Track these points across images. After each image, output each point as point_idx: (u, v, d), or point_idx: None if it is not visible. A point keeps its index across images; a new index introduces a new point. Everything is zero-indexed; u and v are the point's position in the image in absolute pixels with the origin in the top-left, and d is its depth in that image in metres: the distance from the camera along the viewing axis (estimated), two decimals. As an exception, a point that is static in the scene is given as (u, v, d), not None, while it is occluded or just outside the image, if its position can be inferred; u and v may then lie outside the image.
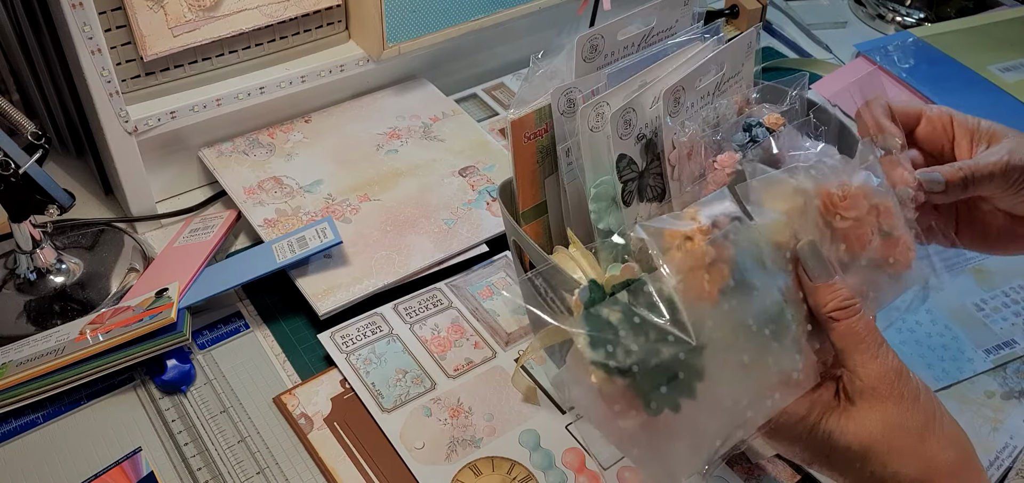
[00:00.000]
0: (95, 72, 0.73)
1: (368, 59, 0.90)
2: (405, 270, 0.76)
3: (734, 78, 0.62)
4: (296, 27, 0.87)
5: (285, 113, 0.91)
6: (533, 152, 0.63)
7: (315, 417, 0.66)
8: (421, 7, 0.89)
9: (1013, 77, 1.04)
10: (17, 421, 0.65)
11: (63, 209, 0.71)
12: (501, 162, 0.88)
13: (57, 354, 0.65)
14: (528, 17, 0.99)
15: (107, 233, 0.80)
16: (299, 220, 0.80)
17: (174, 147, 0.84)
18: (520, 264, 0.66)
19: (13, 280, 0.74)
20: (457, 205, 0.83)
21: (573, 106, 0.61)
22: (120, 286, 0.75)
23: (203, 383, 0.68)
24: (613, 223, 0.60)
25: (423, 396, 0.67)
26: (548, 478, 0.62)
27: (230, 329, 0.73)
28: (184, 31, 0.79)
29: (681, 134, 0.58)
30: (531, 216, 0.65)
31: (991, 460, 0.64)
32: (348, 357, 0.70)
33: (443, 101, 0.97)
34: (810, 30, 1.18)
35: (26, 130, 0.70)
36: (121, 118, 0.76)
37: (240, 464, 0.63)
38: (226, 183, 0.83)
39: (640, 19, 0.64)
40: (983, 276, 0.79)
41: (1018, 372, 0.70)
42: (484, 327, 0.73)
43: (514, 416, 0.66)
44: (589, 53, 0.62)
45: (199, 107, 0.82)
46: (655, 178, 0.60)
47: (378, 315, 0.73)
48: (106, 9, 0.75)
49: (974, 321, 0.74)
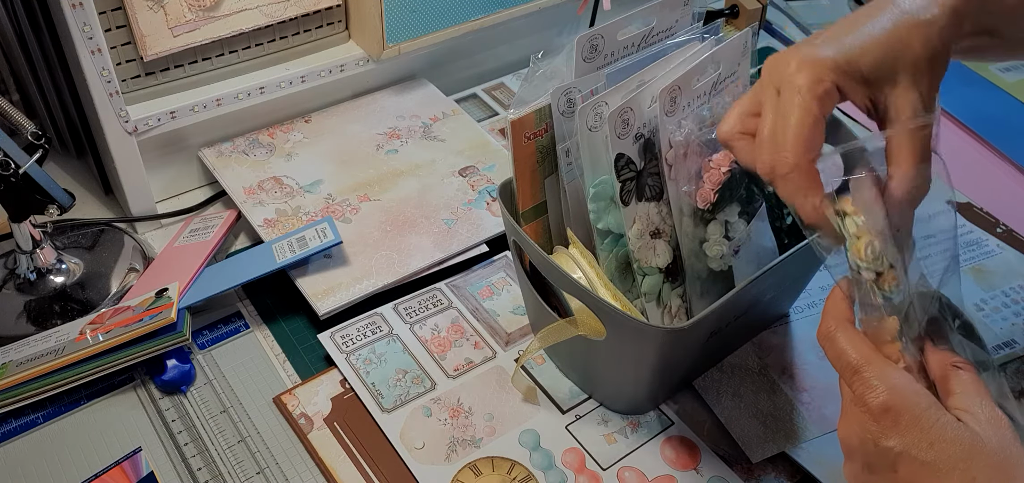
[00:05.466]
0: (95, 72, 0.73)
1: (368, 59, 0.90)
2: (405, 270, 0.76)
3: (730, 78, 0.62)
4: (296, 27, 0.87)
5: (285, 113, 0.91)
6: (533, 152, 0.63)
7: (315, 417, 0.66)
8: (421, 7, 0.89)
9: (1013, 77, 1.04)
10: (17, 421, 0.65)
11: (63, 209, 0.71)
12: (501, 162, 0.88)
13: (57, 354, 0.65)
14: (528, 17, 0.99)
15: (107, 233, 0.80)
16: (299, 220, 0.80)
17: (174, 147, 0.84)
18: (520, 264, 0.66)
19: (13, 280, 0.74)
20: (457, 205, 0.83)
21: (573, 106, 0.61)
22: (120, 286, 0.75)
23: (203, 383, 0.68)
24: (612, 223, 0.60)
25: (423, 396, 0.67)
26: (548, 478, 0.62)
27: (230, 329, 0.73)
28: (184, 31, 0.79)
29: (677, 134, 0.58)
30: (531, 216, 0.65)
31: (991, 460, 0.64)
32: (348, 357, 0.70)
33: (443, 101, 0.97)
34: (810, 30, 1.18)
35: (26, 130, 0.70)
36: (121, 118, 0.76)
37: (240, 464, 0.63)
38: (226, 183, 0.83)
39: (640, 19, 0.64)
40: (983, 276, 0.79)
41: (1018, 372, 0.70)
42: (484, 327, 0.73)
43: (514, 416, 0.66)
44: (589, 53, 0.62)
45: (199, 107, 0.82)
46: (653, 178, 0.60)
47: (378, 315, 0.73)
48: (106, 9, 0.75)
49: (974, 321, 0.74)
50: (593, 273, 0.61)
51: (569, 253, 0.63)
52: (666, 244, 0.61)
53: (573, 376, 0.69)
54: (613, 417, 0.66)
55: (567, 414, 0.67)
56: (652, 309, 0.62)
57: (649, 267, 0.61)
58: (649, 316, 0.62)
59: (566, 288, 0.60)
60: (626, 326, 0.58)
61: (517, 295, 0.75)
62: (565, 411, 0.67)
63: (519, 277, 0.68)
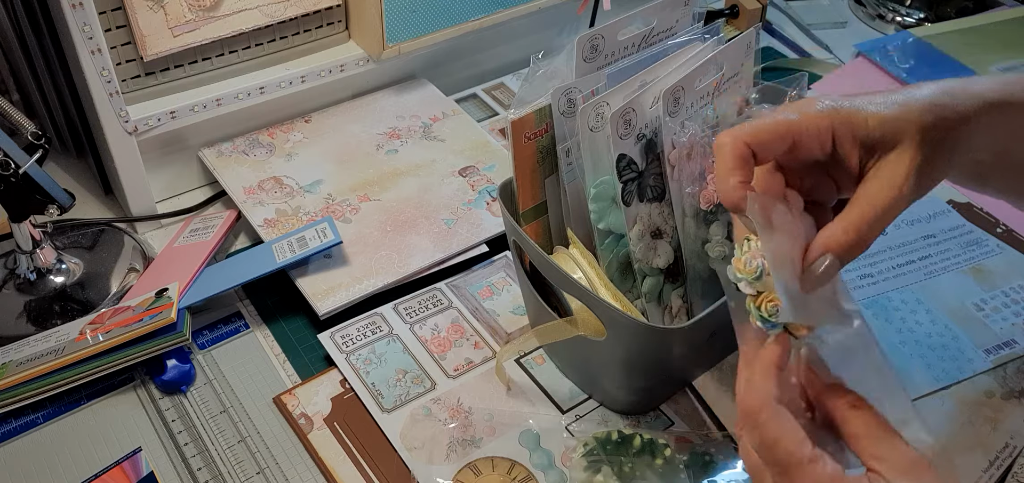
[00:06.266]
0: (95, 72, 0.73)
1: (368, 59, 0.90)
2: (405, 270, 0.76)
3: (734, 78, 0.62)
4: (296, 27, 0.87)
5: (285, 113, 0.91)
6: (533, 152, 0.63)
7: (315, 417, 0.66)
8: (421, 7, 0.89)
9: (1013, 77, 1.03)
10: (17, 421, 0.65)
11: (63, 209, 0.71)
12: (501, 162, 0.88)
13: (57, 354, 0.65)
14: (528, 17, 0.99)
15: (107, 233, 0.80)
16: (299, 220, 0.80)
17: (174, 147, 0.84)
18: (520, 264, 0.66)
19: (13, 280, 0.74)
20: (457, 205, 0.83)
21: (573, 106, 0.61)
22: (120, 286, 0.75)
23: (203, 383, 0.68)
24: (613, 223, 0.60)
25: (423, 396, 0.67)
26: (548, 478, 0.62)
27: (230, 329, 0.73)
28: (184, 31, 0.79)
29: (681, 134, 0.58)
30: (531, 216, 0.65)
31: (991, 460, 0.64)
32: (348, 357, 0.70)
33: (443, 101, 0.97)
34: (810, 30, 1.18)
35: (26, 130, 0.70)
36: (121, 118, 0.76)
37: (240, 464, 0.63)
38: (226, 183, 0.83)
39: (640, 19, 0.64)
40: (983, 276, 0.79)
41: (1018, 372, 0.70)
42: (484, 327, 0.73)
43: (514, 416, 0.66)
44: (589, 53, 0.62)
45: (199, 107, 0.82)
46: (655, 178, 0.60)
47: (378, 315, 0.73)
48: (106, 9, 0.75)
49: (974, 321, 0.74)
50: (593, 273, 0.61)
51: (569, 253, 0.63)
52: (667, 244, 0.61)
53: (573, 376, 0.69)
54: (613, 417, 0.66)
55: (567, 414, 0.67)
56: (653, 309, 0.62)
57: (650, 267, 0.61)
58: (650, 316, 0.62)
59: (566, 288, 0.60)
60: (626, 326, 0.58)
61: (517, 295, 0.75)
62: (565, 411, 0.67)
63: (519, 277, 0.68)
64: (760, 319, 0.45)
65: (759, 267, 0.45)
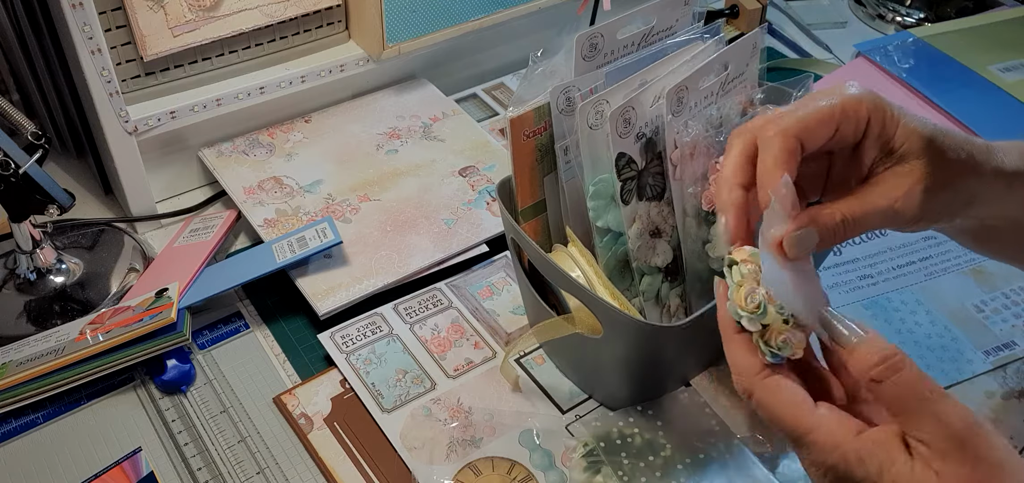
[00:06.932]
0: (95, 72, 0.73)
1: (368, 59, 0.90)
2: (405, 270, 0.76)
3: (738, 78, 0.62)
4: (296, 27, 0.87)
5: (285, 113, 0.91)
6: (532, 150, 0.63)
7: (315, 417, 0.66)
8: (421, 7, 0.89)
9: (1013, 77, 1.03)
10: (17, 421, 0.65)
11: (63, 209, 0.71)
12: (501, 162, 0.88)
13: (57, 354, 0.65)
14: (528, 17, 0.99)
15: (107, 233, 0.80)
16: (299, 220, 0.80)
17: (174, 147, 0.84)
18: (519, 262, 0.66)
19: (13, 280, 0.74)
20: (457, 205, 0.83)
21: (572, 104, 0.61)
22: (120, 286, 0.75)
23: (203, 383, 0.68)
24: (611, 221, 0.60)
25: (423, 396, 0.67)
26: (548, 478, 0.62)
27: (230, 329, 0.73)
28: (184, 31, 0.79)
29: (684, 134, 0.58)
30: (530, 214, 0.65)
31: (991, 460, 0.64)
32: (348, 357, 0.70)
33: (443, 101, 0.97)
34: (810, 30, 1.18)
35: (26, 130, 0.70)
36: (121, 118, 0.76)
37: (240, 464, 0.63)
38: (226, 183, 0.83)
39: (640, 18, 0.64)
40: (983, 277, 0.79)
41: (1018, 373, 0.70)
42: (484, 327, 0.73)
43: (514, 416, 0.66)
44: (588, 51, 0.62)
45: (199, 107, 0.82)
46: (655, 177, 0.60)
47: (378, 315, 0.73)
48: (106, 9, 0.75)
49: (974, 322, 0.74)
50: (591, 271, 0.61)
51: (568, 251, 0.63)
52: (666, 244, 0.61)
53: (573, 376, 0.69)
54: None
55: (567, 414, 0.66)
56: (651, 308, 0.62)
57: (648, 266, 0.61)
58: (648, 315, 0.62)
59: (564, 286, 0.60)
60: (623, 324, 0.58)
61: (517, 295, 0.75)
62: (565, 411, 0.67)
63: (518, 276, 0.68)
64: (771, 354, 0.44)
65: (761, 301, 0.44)
